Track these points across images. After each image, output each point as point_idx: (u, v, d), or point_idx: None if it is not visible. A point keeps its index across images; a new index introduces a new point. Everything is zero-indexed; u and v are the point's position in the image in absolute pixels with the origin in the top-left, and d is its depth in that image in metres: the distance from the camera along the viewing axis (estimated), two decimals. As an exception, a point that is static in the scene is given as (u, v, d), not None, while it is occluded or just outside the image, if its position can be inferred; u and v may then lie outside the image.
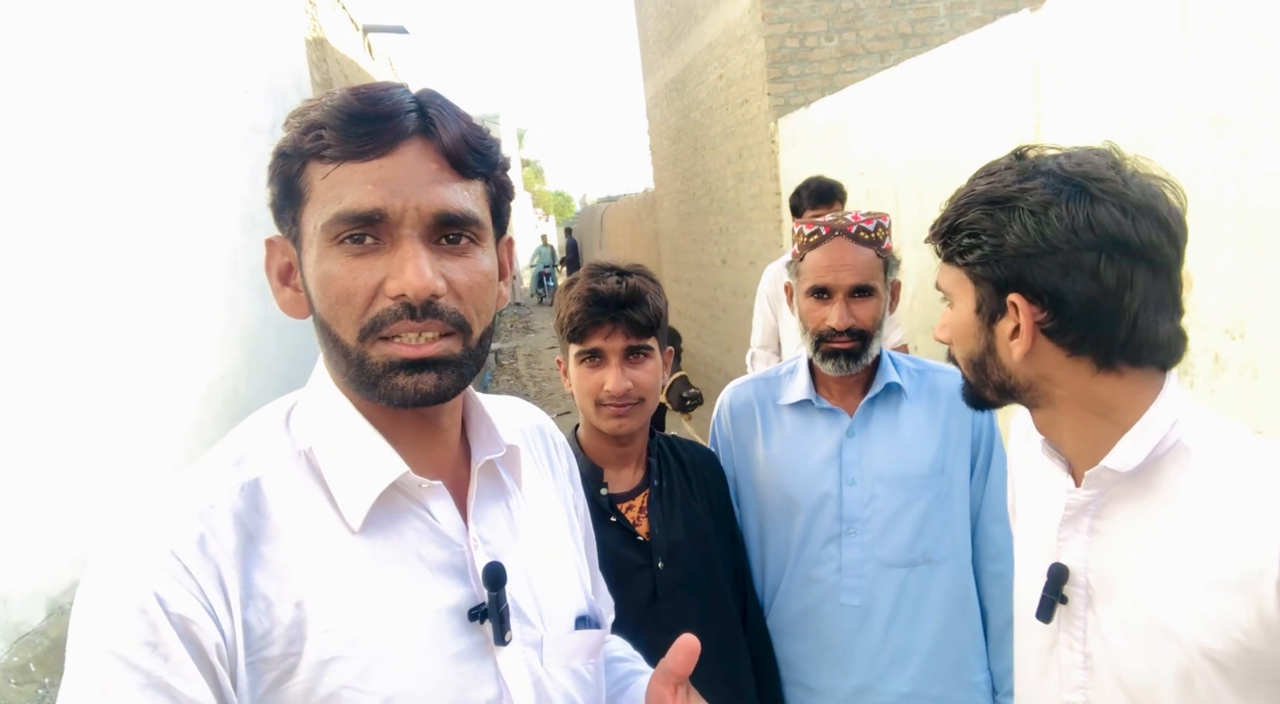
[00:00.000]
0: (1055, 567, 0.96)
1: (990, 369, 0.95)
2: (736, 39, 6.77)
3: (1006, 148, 1.02)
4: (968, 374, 0.98)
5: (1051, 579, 0.96)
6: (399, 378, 0.71)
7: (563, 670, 0.82)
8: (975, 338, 0.96)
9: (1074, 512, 0.95)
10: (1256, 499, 0.82)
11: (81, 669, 0.62)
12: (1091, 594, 0.94)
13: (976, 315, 0.94)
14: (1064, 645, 0.97)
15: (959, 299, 0.96)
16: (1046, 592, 0.96)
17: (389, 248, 0.71)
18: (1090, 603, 0.94)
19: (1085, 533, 0.95)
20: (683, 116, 9.00)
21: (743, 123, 6.89)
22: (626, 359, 1.44)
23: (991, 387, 0.97)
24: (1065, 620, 0.96)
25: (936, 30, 6.13)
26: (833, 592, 1.59)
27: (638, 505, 1.51)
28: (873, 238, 1.57)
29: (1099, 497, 0.93)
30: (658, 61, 10.02)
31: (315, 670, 0.68)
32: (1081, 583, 0.95)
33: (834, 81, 6.00)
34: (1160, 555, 0.88)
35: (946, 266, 0.96)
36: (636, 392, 1.43)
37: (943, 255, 0.96)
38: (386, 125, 0.70)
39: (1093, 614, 0.94)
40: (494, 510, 0.83)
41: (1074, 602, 0.95)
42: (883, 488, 1.58)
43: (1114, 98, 2.61)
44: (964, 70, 3.57)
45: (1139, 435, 0.89)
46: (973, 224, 0.92)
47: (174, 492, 0.70)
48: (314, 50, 6.87)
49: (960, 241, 0.93)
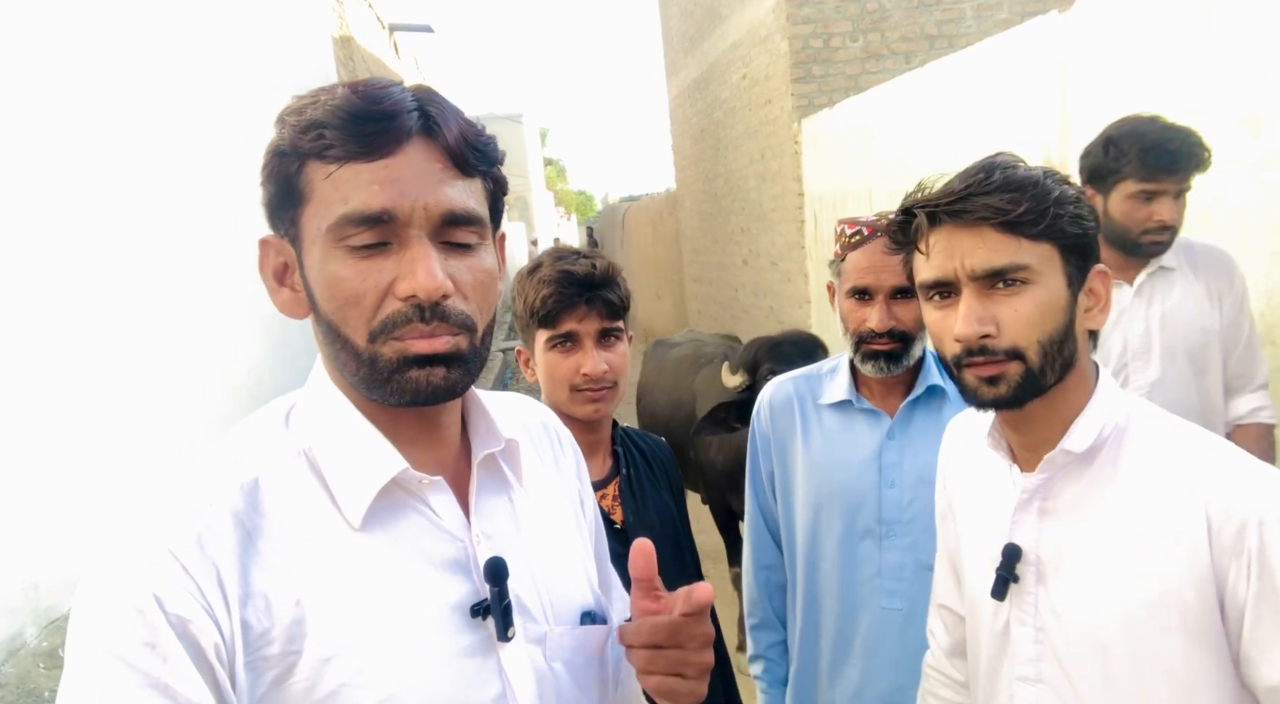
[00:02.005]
0: (1009, 547, 1.01)
1: (1066, 346, 0.96)
2: (760, 39, 6.75)
3: (1033, 149, 1.02)
4: (1039, 359, 0.94)
5: (1006, 558, 1.01)
6: (412, 372, 0.71)
7: (567, 666, 0.81)
8: (1063, 313, 0.95)
9: (1028, 494, 1.00)
10: (1185, 466, 0.92)
11: (80, 669, 0.62)
12: (1042, 570, 1.00)
13: (1068, 289, 0.95)
14: (1015, 622, 1.02)
15: (1046, 276, 0.94)
16: (1000, 571, 1.01)
17: (397, 248, 0.70)
18: (1041, 578, 1.00)
19: (1035, 514, 1.00)
20: (705, 116, 8.99)
21: (765, 123, 6.87)
22: (600, 342, 1.41)
23: (1060, 367, 0.96)
24: (1017, 598, 1.02)
25: (963, 32, 6.08)
26: (873, 595, 1.58)
27: (610, 494, 1.50)
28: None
29: (1049, 479, 0.99)
30: (681, 61, 10.01)
31: (315, 668, 0.67)
32: (1032, 561, 1.00)
33: (858, 82, 5.96)
34: (1101, 525, 0.95)
35: (1030, 244, 0.93)
36: (612, 375, 1.41)
37: (1032, 232, 0.93)
38: (391, 125, 0.69)
39: (1043, 589, 1.00)
40: (496, 506, 0.82)
41: (1025, 579, 1.00)
42: (924, 490, 1.55)
43: (1142, 98, 2.58)
44: (990, 71, 3.54)
45: (1094, 417, 0.96)
46: (1076, 199, 0.95)
47: (173, 490, 0.70)
48: (341, 48, 6.94)
49: (1067, 211, 0.94)
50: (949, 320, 0.96)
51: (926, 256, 0.97)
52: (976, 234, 0.93)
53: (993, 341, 0.93)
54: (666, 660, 0.78)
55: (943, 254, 0.95)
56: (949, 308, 0.97)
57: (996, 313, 0.93)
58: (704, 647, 0.79)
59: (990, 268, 0.92)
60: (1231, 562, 0.88)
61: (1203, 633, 0.90)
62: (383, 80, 0.73)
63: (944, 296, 0.98)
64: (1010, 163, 0.96)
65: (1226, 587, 0.89)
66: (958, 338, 0.95)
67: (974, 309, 0.93)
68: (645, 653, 0.78)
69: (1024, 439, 1.01)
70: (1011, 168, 0.95)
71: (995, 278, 0.93)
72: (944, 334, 0.98)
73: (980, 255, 0.93)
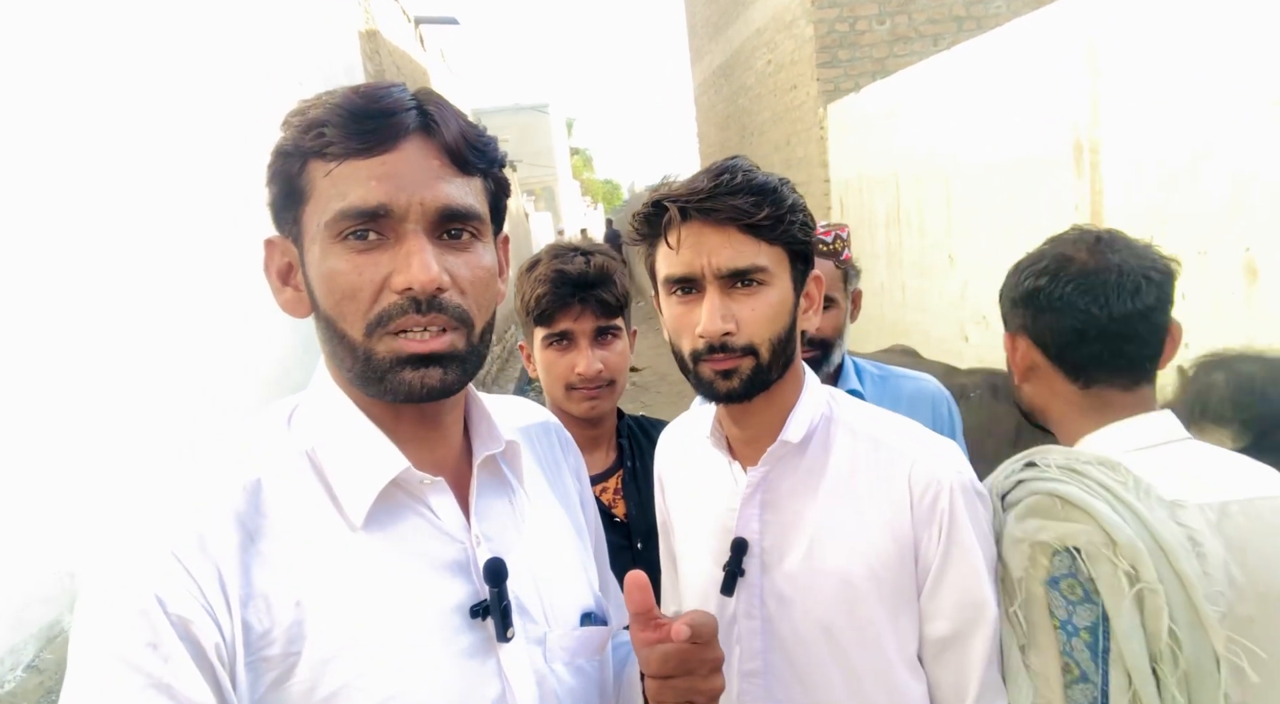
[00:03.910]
0: (737, 540, 1.05)
1: (790, 345, 1.05)
2: (785, 24, 6.68)
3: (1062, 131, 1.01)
4: (769, 356, 1.00)
5: (735, 552, 1.04)
6: (405, 372, 0.71)
7: (567, 667, 0.81)
8: (789, 314, 1.04)
9: (752, 488, 1.05)
10: (887, 447, 1.03)
11: (83, 670, 0.63)
12: (766, 560, 1.05)
13: (793, 292, 1.04)
14: (743, 615, 1.05)
15: (778, 278, 1.01)
16: (729, 565, 1.04)
17: (393, 243, 0.71)
18: (765, 569, 1.05)
19: (758, 507, 1.05)
20: (730, 103, 8.93)
21: (791, 109, 6.80)
22: (596, 340, 1.41)
23: (783, 363, 1.04)
24: (744, 591, 1.05)
25: (992, 12, 5.97)
26: None
27: (611, 487, 1.50)
28: (831, 249, 1.65)
29: (769, 472, 1.05)
30: (705, 48, 9.94)
31: (316, 669, 0.68)
32: (757, 552, 1.05)
33: (885, 66, 5.88)
34: (818, 509, 1.03)
35: (768, 247, 0.99)
36: (607, 373, 1.41)
37: (770, 236, 0.99)
38: (389, 121, 0.70)
39: (768, 578, 1.05)
40: (497, 507, 0.83)
41: (751, 572, 1.05)
42: None
43: (1174, 79, 2.52)
44: (1018, 53, 3.47)
45: (806, 409, 1.04)
46: (804, 209, 1.04)
47: (175, 491, 0.70)
48: (367, 42, 6.98)
49: (797, 219, 1.01)
50: (691, 316, 0.99)
51: (675, 251, 0.99)
52: (723, 234, 0.97)
53: (731, 338, 0.98)
54: (676, 690, 0.78)
55: (691, 250, 0.97)
56: (691, 303, 1.00)
57: (736, 311, 0.98)
58: (714, 672, 0.79)
59: (735, 267, 0.97)
60: (924, 529, 0.99)
61: (910, 599, 1.00)
62: (387, 82, 0.74)
63: (686, 292, 1.00)
64: (749, 166, 1.00)
65: (920, 551, 0.99)
66: (702, 333, 0.98)
67: (719, 307, 0.97)
68: (656, 683, 0.78)
69: (745, 433, 1.07)
70: (751, 171, 0.98)
71: (737, 278, 0.97)
72: (685, 329, 1.00)
73: (726, 255, 0.96)
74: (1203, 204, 2.42)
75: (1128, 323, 1.03)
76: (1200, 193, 2.43)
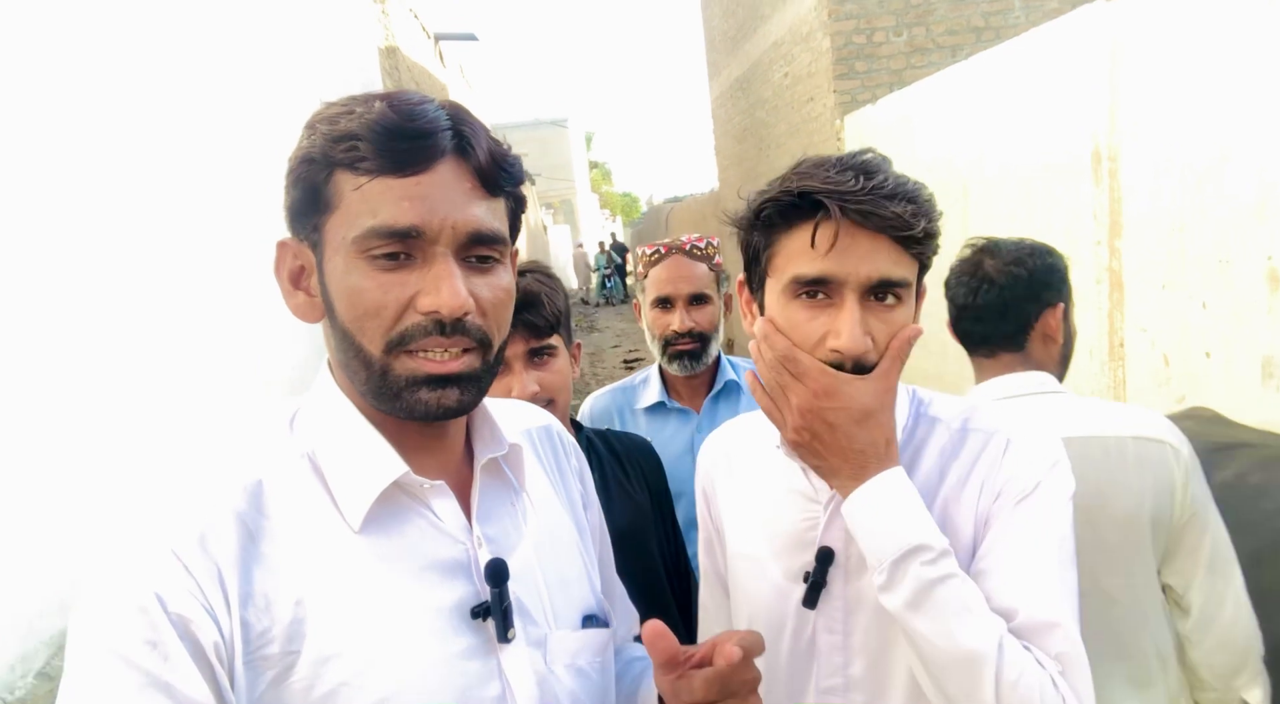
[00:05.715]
0: (823, 550, 0.98)
1: None
2: (802, 36, 6.69)
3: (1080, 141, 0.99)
4: None
5: (820, 562, 0.97)
6: (423, 392, 0.72)
7: (568, 669, 0.81)
8: None
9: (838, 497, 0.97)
10: (978, 434, 0.97)
11: (82, 667, 0.63)
12: (849, 570, 0.97)
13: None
14: (823, 630, 0.99)
15: (909, 295, 0.98)
16: (814, 577, 0.97)
17: (421, 264, 0.71)
18: (849, 578, 0.98)
19: (840, 516, 0.97)
20: (748, 116, 8.95)
21: (808, 121, 6.80)
22: (530, 362, 1.41)
23: None
24: (825, 605, 0.99)
25: (1011, 23, 5.94)
26: None
27: None
28: (704, 254, 1.82)
29: None
30: (723, 61, 9.97)
31: (314, 668, 0.68)
32: (842, 562, 0.98)
33: (902, 77, 5.87)
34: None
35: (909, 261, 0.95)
36: (544, 394, 1.40)
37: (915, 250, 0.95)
38: (426, 143, 0.70)
39: (851, 588, 0.98)
40: (499, 509, 0.83)
41: (834, 583, 0.98)
42: None
43: (1195, 87, 2.50)
44: (1035, 62, 3.46)
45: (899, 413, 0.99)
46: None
47: (177, 491, 0.71)
48: (386, 58, 7.06)
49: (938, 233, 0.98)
50: (816, 322, 0.90)
51: (816, 249, 0.88)
52: (874, 241, 0.88)
53: (867, 356, 0.89)
54: None
55: (839, 253, 0.88)
56: (818, 310, 0.90)
57: (873, 326, 0.89)
58: (753, 692, 0.78)
59: (885, 278, 0.88)
60: (992, 510, 0.93)
61: None
62: (416, 95, 0.74)
63: (813, 295, 0.90)
64: (889, 165, 0.92)
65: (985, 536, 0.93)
66: (839, 348, 0.88)
67: (860, 321, 0.88)
68: None
69: None
70: (900, 175, 0.90)
71: (878, 290, 0.89)
72: (809, 336, 0.90)
73: (876, 264, 0.88)
74: (1224, 212, 2.40)
75: (982, 309, 1.43)
76: (1221, 201, 2.40)
